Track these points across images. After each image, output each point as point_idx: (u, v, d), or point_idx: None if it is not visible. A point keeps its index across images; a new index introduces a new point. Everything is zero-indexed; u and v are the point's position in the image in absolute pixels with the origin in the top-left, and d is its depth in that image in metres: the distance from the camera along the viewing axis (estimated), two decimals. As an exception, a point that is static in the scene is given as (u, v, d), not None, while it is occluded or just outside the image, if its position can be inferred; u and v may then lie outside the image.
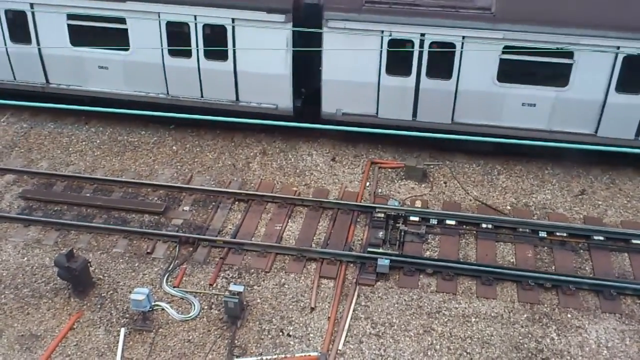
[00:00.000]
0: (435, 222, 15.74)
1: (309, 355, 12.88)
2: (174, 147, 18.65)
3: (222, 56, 17.59)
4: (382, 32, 16.54)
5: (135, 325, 13.50)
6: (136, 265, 14.89)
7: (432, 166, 17.75)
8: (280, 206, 16.39)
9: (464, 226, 15.72)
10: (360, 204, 16.35)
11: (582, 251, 15.12)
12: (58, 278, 14.12)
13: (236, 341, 13.20)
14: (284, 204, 16.42)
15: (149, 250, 15.19)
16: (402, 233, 15.33)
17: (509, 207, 16.45)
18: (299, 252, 15.02)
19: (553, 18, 15.89)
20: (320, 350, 12.99)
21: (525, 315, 13.66)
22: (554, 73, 16.37)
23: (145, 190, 17.01)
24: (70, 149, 18.66)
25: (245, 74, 17.78)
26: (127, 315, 13.71)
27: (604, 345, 13.06)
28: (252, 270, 14.73)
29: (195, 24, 17.22)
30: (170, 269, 14.76)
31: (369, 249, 14.95)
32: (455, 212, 16.03)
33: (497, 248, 15.20)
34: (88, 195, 16.83)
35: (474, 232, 15.58)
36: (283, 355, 12.89)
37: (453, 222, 15.72)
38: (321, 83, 17.60)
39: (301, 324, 13.51)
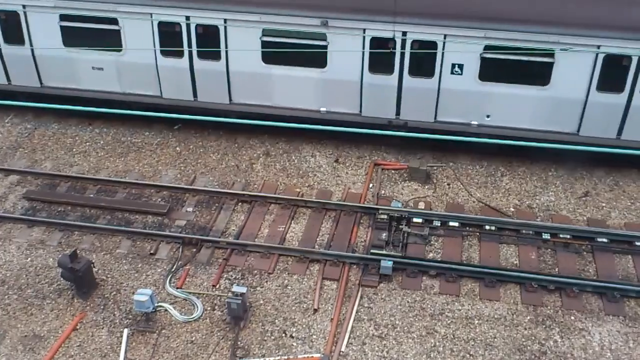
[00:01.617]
0: (439, 224, 15.73)
1: (312, 356, 12.88)
2: (177, 148, 18.68)
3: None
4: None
5: (138, 326, 13.52)
6: (139, 266, 14.90)
7: (435, 168, 17.74)
8: (284, 207, 16.39)
9: (467, 228, 15.71)
10: (364, 205, 16.35)
11: (585, 253, 15.09)
12: (61, 279, 14.15)
13: (239, 342, 13.20)
14: (287, 205, 16.42)
15: (152, 251, 15.20)
16: (405, 235, 15.31)
17: (512, 209, 16.43)
18: (302, 254, 15.02)
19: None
20: (323, 351, 12.98)
21: (528, 318, 13.63)
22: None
23: (149, 191, 17.03)
24: (74, 149, 18.69)
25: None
26: (130, 316, 13.72)
27: (607, 347, 13.03)
28: (255, 271, 14.73)
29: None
30: (173, 270, 14.77)
31: (372, 251, 14.94)
32: (459, 213, 16.02)
33: (501, 250, 15.18)
34: (92, 196, 16.86)
35: (477, 233, 15.57)
36: (286, 357, 12.89)
37: (456, 224, 15.70)
38: None
39: (304, 326, 13.51)
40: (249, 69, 17.66)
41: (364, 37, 16.68)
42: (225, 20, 17.13)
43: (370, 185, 17.25)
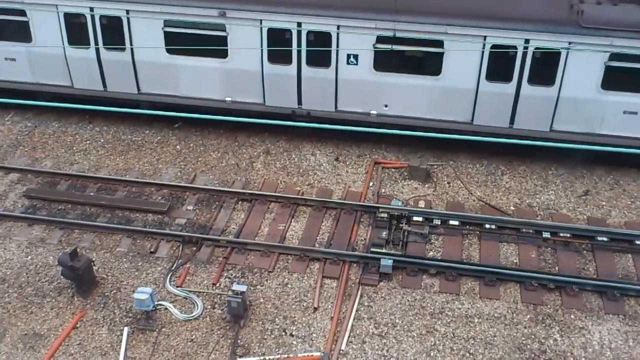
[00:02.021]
0: (439, 223, 15.73)
1: (312, 355, 12.88)
2: (177, 147, 18.68)
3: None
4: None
5: (139, 324, 13.52)
6: (139, 264, 14.91)
7: (435, 166, 17.74)
8: (284, 206, 16.39)
9: (468, 226, 15.71)
10: (364, 204, 16.35)
11: (585, 252, 15.09)
12: (62, 277, 14.16)
13: (239, 341, 13.21)
14: (287, 204, 16.43)
15: (152, 250, 15.21)
16: (406, 233, 15.31)
17: (512, 208, 16.43)
18: (302, 252, 15.02)
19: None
20: (323, 350, 12.99)
21: (528, 316, 13.64)
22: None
23: (149, 190, 17.03)
24: (74, 148, 18.69)
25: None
26: (131, 315, 13.73)
27: (607, 346, 13.04)
28: (255, 269, 14.74)
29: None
30: (173, 268, 14.78)
31: (372, 249, 14.94)
32: (459, 212, 16.02)
33: (501, 249, 15.18)
34: (92, 194, 16.86)
35: (478, 232, 15.57)
36: (286, 355, 12.90)
37: (456, 223, 15.70)
38: None
39: (304, 324, 13.52)
40: (154, 59, 17.85)
41: (261, 28, 16.86)
42: (127, 12, 17.28)
43: (371, 183, 17.25)
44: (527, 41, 15.96)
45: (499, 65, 16.34)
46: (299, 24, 16.65)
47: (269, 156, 18.27)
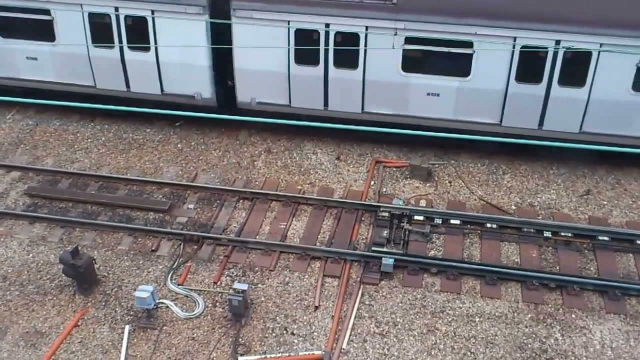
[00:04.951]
0: (440, 222, 15.73)
1: (313, 353, 12.89)
2: (179, 145, 18.68)
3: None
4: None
5: (140, 322, 13.53)
6: (141, 262, 14.92)
7: (436, 165, 17.74)
8: (285, 205, 16.40)
9: (469, 226, 15.71)
10: (365, 202, 16.35)
11: (586, 251, 15.09)
12: (63, 275, 14.16)
13: (240, 339, 13.22)
14: (288, 203, 16.43)
15: (153, 248, 15.22)
16: (407, 232, 15.31)
17: (513, 207, 16.43)
18: (303, 251, 15.03)
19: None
20: (324, 348, 12.99)
21: (529, 315, 13.64)
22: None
23: (150, 188, 17.04)
24: (76, 146, 18.70)
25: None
26: (132, 313, 13.74)
27: (608, 345, 13.04)
28: (257, 268, 14.74)
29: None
30: (174, 266, 14.78)
31: (374, 248, 14.95)
32: (460, 211, 16.02)
33: (502, 248, 15.18)
34: (93, 192, 16.87)
35: (479, 231, 15.57)
36: (287, 354, 12.90)
37: (457, 222, 15.70)
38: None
39: (305, 323, 13.52)
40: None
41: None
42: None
43: (372, 182, 17.25)
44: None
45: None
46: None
47: (270, 155, 18.27)
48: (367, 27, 16.56)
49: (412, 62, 16.78)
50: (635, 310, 13.73)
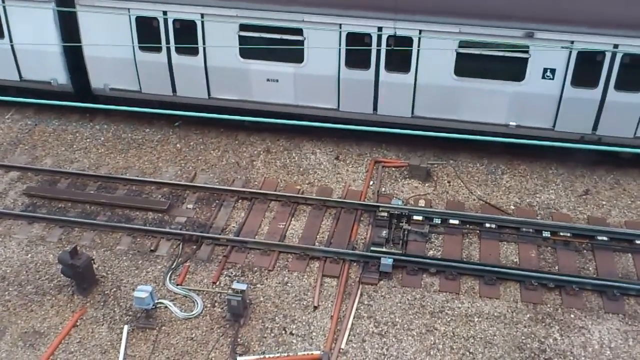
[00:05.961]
0: (439, 222, 15.73)
1: (312, 353, 12.89)
2: (178, 145, 18.67)
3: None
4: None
5: (138, 322, 13.53)
6: (139, 262, 14.91)
7: (435, 165, 17.74)
8: (284, 204, 16.39)
9: (468, 226, 15.71)
10: (364, 202, 16.35)
11: (585, 251, 15.10)
12: (62, 275, 14.15)
13: (239, 339, 13.22)
14: (287, 203, 16.43)
15: (152, 248, 15.21)
16: (406, 232, 15.31)
17: (512, 207, 16.43)
18: (302, 251, 15.03)
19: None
20: (322, 349, 13.00)
21: (528, 315, 13.64)
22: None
23: (149, 188, 17.03)
24: (75, 146, 18.69)
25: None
26: (130, 313, 13.74)
27: (607, 345, 13.05)
28: (255, 268, 14.74)
29: None
30: (173, 266, 14.78)
31: (372, 248, 14.95)
32: (459, 211, 16.02)
33: (501, 248, 15.19)
34: (92, 192, 16.86)
35: (478, 231, 15.57)
36: (286, 354, 12.90)
37: (456, 222, 15.70)
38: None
39: (304, 323, 13.53)
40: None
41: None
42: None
43: (371, 182, 17.25)
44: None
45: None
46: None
47: (269, 155, 18.27)
48: (202, 14, 16.89)
49: (250, 49, 17.14)
50: (634, 310, 13.74)
